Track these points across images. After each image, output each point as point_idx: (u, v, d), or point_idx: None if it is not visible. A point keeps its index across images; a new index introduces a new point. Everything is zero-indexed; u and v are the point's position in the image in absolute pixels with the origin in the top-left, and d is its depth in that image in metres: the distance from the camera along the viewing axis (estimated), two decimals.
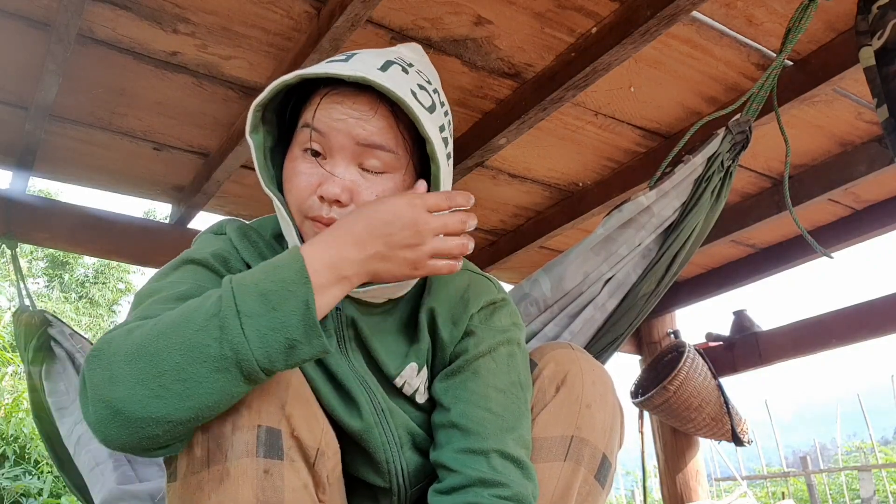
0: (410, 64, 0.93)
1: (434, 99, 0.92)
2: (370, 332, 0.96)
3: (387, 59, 0.90)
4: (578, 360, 1.02)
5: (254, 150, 0.92)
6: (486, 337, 0.98)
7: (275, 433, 0.80)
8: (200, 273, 0.90)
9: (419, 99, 0.88)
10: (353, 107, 0.87)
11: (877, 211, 2.56)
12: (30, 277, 11.05)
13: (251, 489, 0.78)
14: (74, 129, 2.03)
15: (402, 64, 0.91)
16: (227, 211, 2.49)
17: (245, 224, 1.02)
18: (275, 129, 0.95)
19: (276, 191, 0.93)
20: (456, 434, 0.91)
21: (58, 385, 1.96)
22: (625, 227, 1.54)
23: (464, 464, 0.88)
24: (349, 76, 0.85)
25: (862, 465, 5.85)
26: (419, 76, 0.92)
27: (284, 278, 0.76)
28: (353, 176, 0.88)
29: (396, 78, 0.87)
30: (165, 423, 0.72)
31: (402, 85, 0.87)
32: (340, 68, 0.86)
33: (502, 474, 0.87)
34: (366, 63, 0.88)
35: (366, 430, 0.92)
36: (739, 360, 3.13)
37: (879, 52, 1.29)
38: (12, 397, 5.12)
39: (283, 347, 0.74)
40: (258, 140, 0.92)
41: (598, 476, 0.97)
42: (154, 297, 0.84)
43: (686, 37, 1.74)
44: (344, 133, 0.87)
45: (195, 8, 1.59)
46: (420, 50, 1.03)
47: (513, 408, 0.94)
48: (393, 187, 0.90)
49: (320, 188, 0.87)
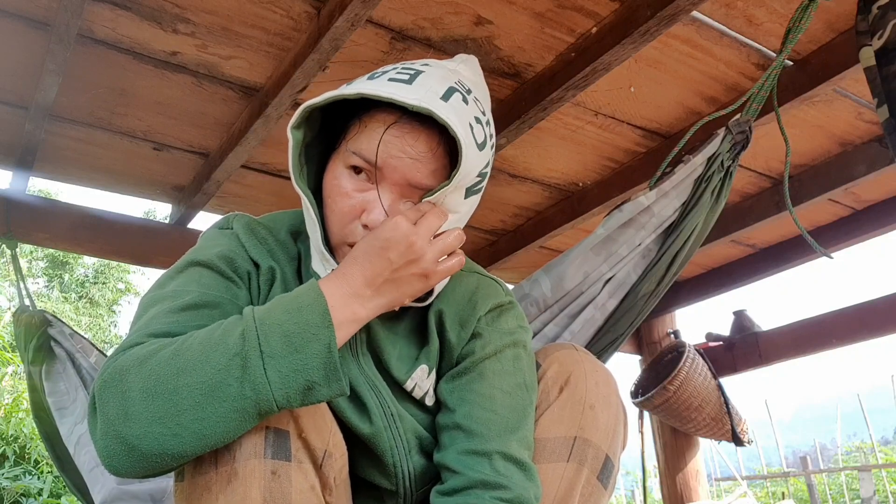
0: (469, 91, 0.92)
1: (486, 132, 0.91)
2: (382, 336, 0.96)
3: (450, 85, 0.89)
4: (582, 362, 1.02)
5: (292, 146, 0.91)
6: (492, 339, 0.98)
7: (283, 434, 0.80)
8: (206, 277, 0.89)
9: (475, 135, 0.87)
10: (414, 145, 0.86)
11: (877, 211, 2.56)
12: (30, 277, 11.05)
13: (259, 490, 0.78)
14: (74, 129, 2.03)
15: (462, 91, 0.90)
16: (227, 211, 2.49)
17: (253, 219, 1.01)
18: (317, 124, 0.95)
19: (307, 189, 0.93)
20: (460, 435, 0.91)
21: (58, 385, 1.96)
22: (625, 227, 1.54)
23: (466, 465, 0.88)
24: (414, 106, 0.83)
25: (862, 465, 5.85)
26: (477, 106, 0.91)
27: (308, 321, 0.77)
28: (400, 209, 0.88)
29: (458, 109, 0.86)
30: (180, 458, 0.73)
31: (463, 118, 0.86)
32: (405, 93, 0.84)
33: (504, 476, 0.87)
34: (429, 89, 0.86)
35: (375, 435, 0.92)
36: (739, 360, 3.13)
37: (879, 52, 1.29)
38: (12, 397, 5.11)
39: (302, 388, 0.76)
40: (298, 136, 0.91)
41: (601, 477, 0.97)
42: (159, 307, 0.84)
43: (686, 37, 1.74)
44: (399, 172, 0.87)
45: (195, 8, 1.59)
46: (477, 66, 1.02)
47: (517, 409, 0.94)
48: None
49: (366, 216, 0.87)
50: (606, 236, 1.54)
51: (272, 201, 2.45)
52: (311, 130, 0.94)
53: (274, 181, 2.32)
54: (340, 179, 0.90)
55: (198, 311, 0.84)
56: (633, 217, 1.53)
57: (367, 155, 0.87)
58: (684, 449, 3.21)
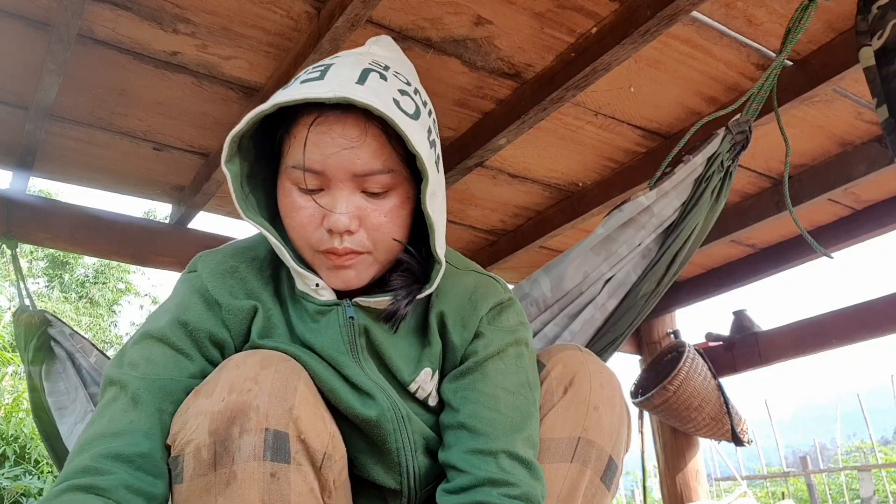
0: (386, 66, 0.91)
1: (416, 101, 0.90)
2: (383, 340, 0.95)
3: (363, 68, 0.87)
4: (587, 363, 1.02)
5: (230, 180, 0.89)
6: (495, 338, 0.98)
7: (282, 436, 0.80)
8: (155, 353, 0.88)
9: (403, 107, 0.85)
10: (343, 133, 0.84)
11: (877, 211, 2.55)
12: (30, 277, 11.04)
13: (257, 492, 0.78)
14: (74, 129, 2.03)
15: (378, 70, 0.88)
16: (228, 211, 2.49)
17: (221, 256, 0.99)
18: (251, 153, 0.92)
19: (262, 220, 0.91)
20: (465, 435, 0.91)
21: (58, 385, 1.96)
22: (625, 227, 1.54)
23: (472, 464, 0.88)
24: (329, 99, 0.81)
25: (862, 465, 5.85)
26: (397, 79, 0.90)
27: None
28: (358, 202, 0.87)
29: (377, 89, 0.84)
30: None
31: (383, 96, 0.84)
32: (318, 89, 0.82)
33: (511, 474, 0.87)
34: (343, 78, 0.84)
35: (385, 435, 0.92)
36: (739, 360, 3.13)
37: (879, 52, 1.29)
38: (12, 397, 5.11)
39: None
40: (234, 170, 0.89)
41: (605, 478, 0.97)
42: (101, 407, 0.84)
43: (686, 37, 1.74)
44: (340, 168, 0.85)
45: (195, 8, 1.59)
46: (391, 43, 1.01)
47: (521, 408, 0.94)
48: (398, 203, 0.90)
49: (327, 221, 0.86)
50: (606, 236, 1.54)
51: None
52: (249, 159, 0.92)
53: None
54: (292, 196, 0.88)
55: (144, 406, 0.83)
56: (632, 217, 1.53)
57: (303, 164, 0.85)
58: (684, 449, 3.21)
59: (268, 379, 0.82)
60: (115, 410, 0.83)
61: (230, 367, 0.85)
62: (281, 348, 0.91)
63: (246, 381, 0.82)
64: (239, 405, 0.80)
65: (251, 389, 0.81)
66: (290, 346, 0.92)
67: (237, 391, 0.81)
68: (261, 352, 0.88)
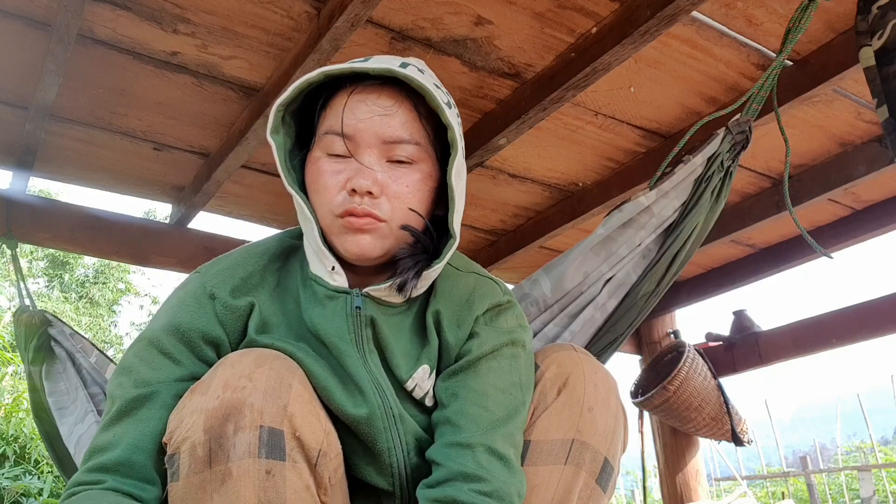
0: (422, 70, 0.97)
1: (448, 98, 0.96)
2: (388, 332, 0.96)
3: (403, 61, 0.95)
4: (581, 363, 1.01)
5: (276, 150, 0.94)
6: (490, 338, 0.98)
7: (277, 434, 0.80)
8: (152, 356, 0.91)
9: (439, 95, 0.92)
10: (378, 102, 0.91)
11: (877, 211, 2.56)
12: (30, 277, 11.05)
13: (253, 490, 0.78)
14: (74, 129, 2.03)
15: (415, 66, 0.96)
16: (227, 211, 2.49)
17: (230, 254, 1.02)
18: (292, 130, 0.98)
19: (299, 190, 0.96)
20: (448, 429, 0.92)
21: (58, 385, 1.96)
22: (625, 227, 1.54)
23: (449, 457, 0.88)
24: (374, 69, 0.89)
25: (862, 465, 5.85)
26: (433, 78, 0.98)
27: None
28: (382, 169, 0.92)
29: (416, 74, 0.91)
30: None
31: (423, 79, 0.91)
32: (363, 65, 0.90)
33: (486, 469, 0.87)
34: (386, 61, 0.92)
35: (374, 434, 0.92)
36: (739, 360, 3.13)
37: (879, 53, 1.29)
38: (12, 397, 5.11)
39: None
40: (279, 141, 0.94)
41: (600, 480, 0.96)
42: (111, 401, 0.89)
43: (686, 37, 1.74)
44: (371, 132, 0.91)
45: (195, 8, 1.59)
46: (422, 63, 1.07)
47: (508, 406, 0.94)
48: (420, 178, 0.94)
49: (350, 182, 0.90)
50: (606, 236, 1.54)
51: (272, 201, 2.45)
52: (290, 137, 0.97)
53: (274, 181, 2.32)
54: (320, 162, 0.93)
55: (131, 417, 0.86)
56: (632, 217, 1.53)
57: (337, 128, 0.91)
58: (684, 449, 3.21)
59: (262, 376, 0.83)
60: (106, 424, 0.88)
61: (225, 366, 0.85)
62: (277, 346, 0.91)
63: (241, 378, 0.82)
64: (233, 403, 0.80)
65: (245, 387, 0.81)
66: (286, 343, 0.92)
67: (232, 389, 0.81)
68: (256, 350, 0.89)
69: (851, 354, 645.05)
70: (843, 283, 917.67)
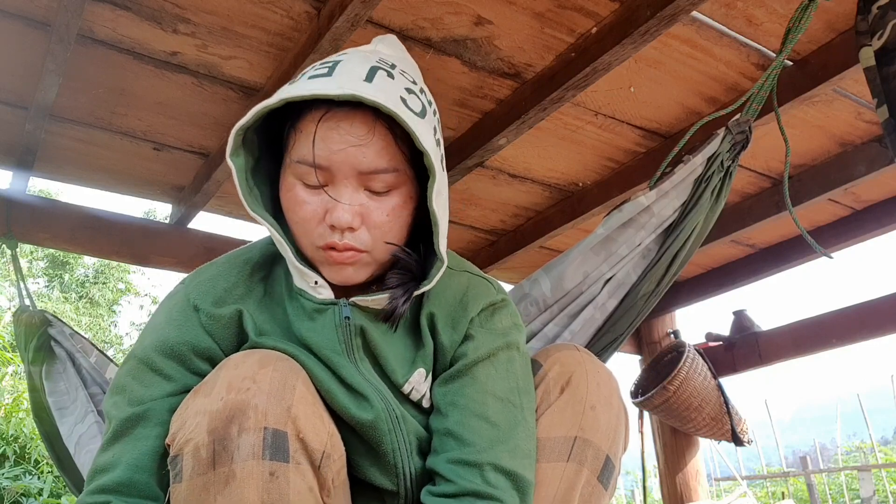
0: (393, 65, 0.91)
1: (422, 100, 0.90)
2: (379, 339, 0.95)
3: (370, 66, 0.88)
4: (584, 362, 1.01)
5: (236, 173, 0.90)
6: (485, 341, 0.98)
7: (281, 435, 0.80)
8: (143, 375, 0.91)
9: (410, 106, 0.86)
10: (351, 131, 0.85)
11: (877, 211, 2.55)
12: (30, 277, 11.04)
13: (256, 491, 0.78)
14: (74, 129, 2.03)
15: (385, 68, 0.89)
16: (228, 211, 2.49)
17: (211, 264, 1.01)
18: (255, 148, 0.93)
19: (266, 214, 0.92)
20: (451, 443, 0.91)
21: (58, 385, 1.96)
22: (625, 227, 1.54)
23: (458, 475, 0.88)
24: (339, 95, 0.82)
25: (862, 465, 5.85)
26: (404, 77, 0.90)
27: None
28: (361, 199, 0.88)
29: (385, 87, 0.85)
30: None
31: (391, 94, 0.85)
32: (327, 86, 0.83)
33: (496, 488, 0.87)
34: (351, 75, 0.85)
35: (379, 436, 0.92)
36: (739, 360, 3.13)
37: (879, 53, 1.29)
38: (12, 397, 5.11)
39: None
40: (239, 163, 0.90)
41: (602, 478, 0.97)
42: (108, 423, 0.90)
43: (686, 37, 1.74)
44: (346, 164, 0.86)
45: (195, 8, 1.59)
46: (396, 42, 1.02)
47: (509, 417, 0.93)
48: (400, 202, 0.91)
49: (329, 216, 0.87)
50: (606, 236, 1.54)
51: None
52: (253, 153, 0.93)
53: None
54: (295, 190, 0.89)
55: (129, 436, 0.87)
56: (632, 217, 1.53)
57: (309, 159, 0.86)
58: (684, 449, 3.21)
59: (266, 378, 0.82)
60: (106, 444, 0.89)
61: (229, 367, 0.85)
62: (280, 347, 0.91)
63: (244, 380, 0.82)
64: (237, 404, 0.80)
65: (249, 388, 0.81)
66: (288, 345, 0.92)
67: (235, 390, 0.81)
68: (259, 351, 0.88)
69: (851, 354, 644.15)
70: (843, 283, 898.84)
